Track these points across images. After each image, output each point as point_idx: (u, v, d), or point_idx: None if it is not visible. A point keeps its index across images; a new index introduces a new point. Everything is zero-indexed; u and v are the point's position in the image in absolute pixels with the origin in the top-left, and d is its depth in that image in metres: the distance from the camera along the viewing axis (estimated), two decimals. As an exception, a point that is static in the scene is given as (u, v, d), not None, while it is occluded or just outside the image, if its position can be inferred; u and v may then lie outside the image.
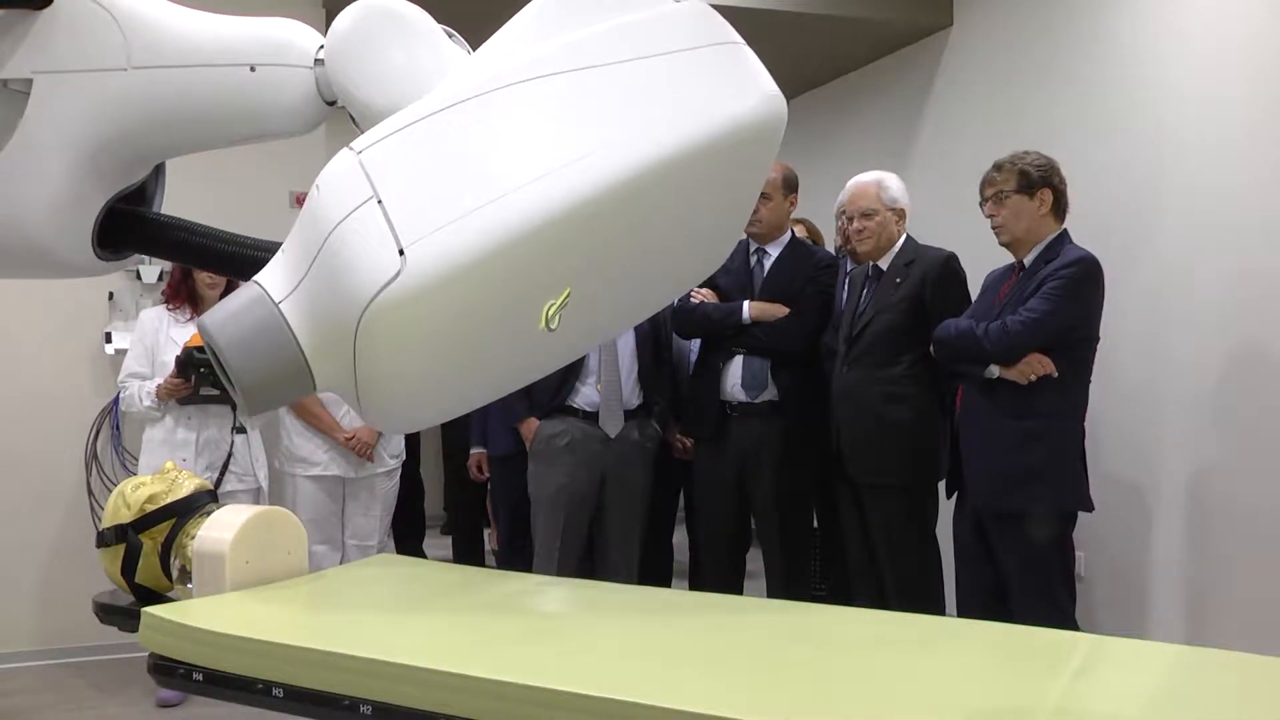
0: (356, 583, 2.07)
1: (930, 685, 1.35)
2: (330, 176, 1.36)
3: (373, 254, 1.30)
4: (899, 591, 3.46)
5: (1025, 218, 3.16)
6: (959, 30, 4.98)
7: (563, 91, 1.39)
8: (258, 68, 1.53)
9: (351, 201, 1.32)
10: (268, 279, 1.38)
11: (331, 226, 1.32)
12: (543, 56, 1.40)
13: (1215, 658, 1.59)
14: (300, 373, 1.37)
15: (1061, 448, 3.09)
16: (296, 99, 1.55)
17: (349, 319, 1.32)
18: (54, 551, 4.19)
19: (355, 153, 1.36)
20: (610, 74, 1.40)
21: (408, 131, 1.37)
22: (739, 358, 3.75)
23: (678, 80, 1.42)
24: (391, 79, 1.48)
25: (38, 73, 1.51)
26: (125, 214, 1.67)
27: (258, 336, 1.34)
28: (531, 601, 1.91)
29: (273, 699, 1.54)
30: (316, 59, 1.54)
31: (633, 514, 3.74)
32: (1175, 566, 3.73)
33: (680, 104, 1.41)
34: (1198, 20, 3.70)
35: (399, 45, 1.49)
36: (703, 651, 1.55)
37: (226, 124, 1.61)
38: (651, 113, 1.39)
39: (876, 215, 3.57)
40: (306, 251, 1.35)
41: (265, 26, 1.57)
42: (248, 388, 1.36)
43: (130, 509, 1.97)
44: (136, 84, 1.52)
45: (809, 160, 5.85)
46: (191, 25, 1.56)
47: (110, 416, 4.23)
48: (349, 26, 1.52)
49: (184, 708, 3.64)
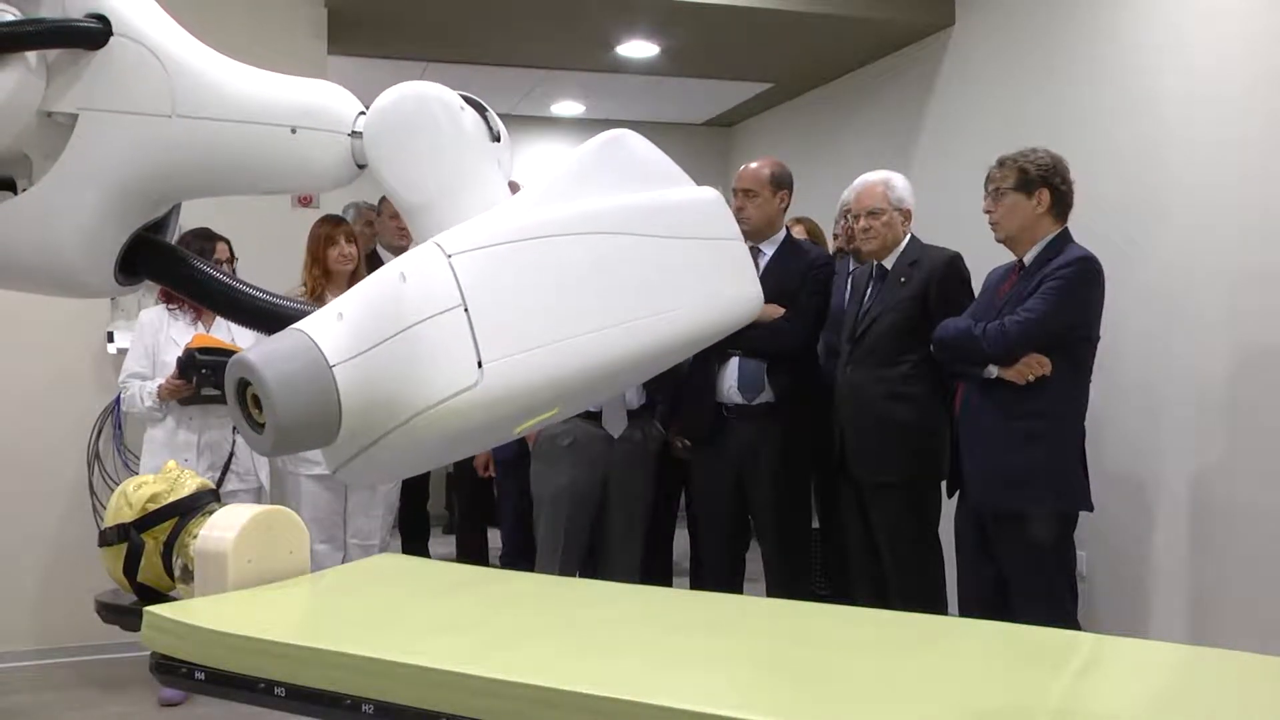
0: (358, 582, 2.07)
1: (931, 685, 1.35)
2: (420, 270, 1.40)
3: (453, 360, 1.37)
4: (900, 591, 3.46)
5: (1020, 216, 3.15)
6: (960, 29, 4.98)
7: (621, 252, 1.55)
8: (298, 130, 1.57)
9: (441, 303, 1.38)
10: (322, 337, 1.40)
11: (416, 319, 1.37)
12: (602, 214, 1.54)
13: (1217, 657, 1.59)
14: (329, 431, 1.42)
15: (1061, 448, 3.09)
16: (331, 163, 1.60)
17: (406, 408, 1.38)
18: (56, 550, 4.20)
19: (445, 254, 1.41)
20: (655, 245, 1.58)
21: (495, 250, 1.45)
22: (735, 360, 3.74)
23: (706, 267, 1.64)
24: (424, 173, 1.54)
25: (84, 109, 1.56)
26: (147, 244, 1.71)
27: (305, 387, 1.37)
28: (533, 601, 1.91)
29: (274, 698, 1.54)
30: (354, 130, 1.58)
31: (635, 514, 3.74)
32: (1177, 566, 3.73)
33: (709, 292, 1.63)
34: (1199, 19, 3.70)
35: (433, 140, 1.54)
36: (703, 651, 1.55)
37: (261, 178, 1.67)
38: (683, 294, 1.60)
39: (883, 215, 3.56)
40: (378, 330, 1.39)
41: (309, 90, 1.62)
42: (283, 429, 1.38)
43: (132, 508, 1.97)
44: (178, 131, 1.57)
45: (810, 159, 5.86)
46: (237, 80, 1.60)
47: (112, 416, 4.24)
48: (388, 111, 1.55)
49: (186, 707, 3.65)
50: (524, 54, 5.78)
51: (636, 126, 1.72)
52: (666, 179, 1.66)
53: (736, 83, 6.41)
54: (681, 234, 1.61)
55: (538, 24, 5.19)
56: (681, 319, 1.59)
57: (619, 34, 5.34)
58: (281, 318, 1.57)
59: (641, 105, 6.95)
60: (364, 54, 5.48)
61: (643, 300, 1.54)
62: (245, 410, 1.41)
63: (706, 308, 1.63)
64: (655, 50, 5.58)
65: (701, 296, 1.62)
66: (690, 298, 1.60)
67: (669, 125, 7.36)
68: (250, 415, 1.41)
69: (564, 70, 6.17)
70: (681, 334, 1.60)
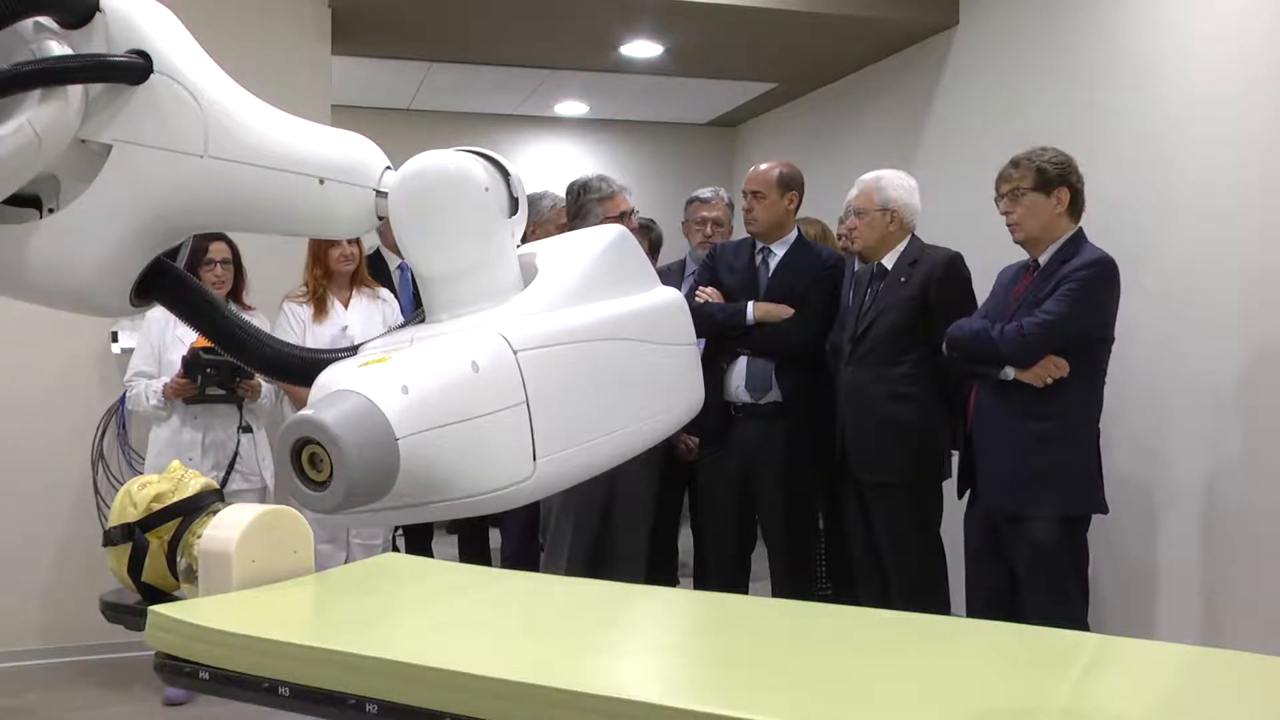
0: (362, 582, 2.06)
1: (935, 685, 1.35)
2: (492, 363, 1.48)
3: (512, 454, 1.47)
4: (903, 591, 3.46)
5: (1040, 216, 3.13)
6: (965, 29, 4.97)
7: (636, 357, 1.72)
8: (326, 181, 1.61)
9: (508, 398, 1.47)
10: (387, 407, 1.43)
11: (484, 411, 1.46)
12: (622, 319, 1.69)
13: (1224, 658, 1.58)
14: (380, 495, 1.46)
15: (1077, 451, 3.07)
16: (353, 215, 1.64)
17: (459, 489, 1.47)
18: (60, 550, 4.20)
19: (512, 349, 1.49)
20: (653, 350, 1.76)
21: (552, 351, 1.55)
22: (743, 359, 3.74)
23: (682, 369, 1.84)
24: (443, 252, 1.61)
25: (118, 140, 1.59)
26: (163, 271, 1.76)
27: (373, 455, 1.41)
28: (538, 601, 1.91)
29: (279, 697, 1.54)
30: (379, 187, 1.62)
31: (640, 514, 3.74)
32: (1187, 567, 3.71)
33: (679, 392, 1.83)
34: (1204, 18, 3.69)
35: (453, 221, 1.59)
36: (707, 651, 1.55)
37: (284, 222, 1.72)
38: (667, 395, 1.80)
39: (866, 214, 3.57)
40: (444, 413, 1.45)
41: (339, 143, 1.65)
42: (350, 493, 1.42)
43: (137, 508, 1.98)
44: (209, 171, 1.60)
45: (814, 159, 5.85)
46: (269, 126, 1.64)
47: (116, 415, 4.24)
48: (413, 183, 1.59)
49: (190, 706, 3.65)
50: (527, 54, 5.78)
51: (640, 127, 1.74)
52: (647, 277, 1.83)
53: (740, 83, 6.41)
54: (666, 340, 1.78)
55: (541, 24, 5.19)
56: (665, 419, 1.78)
57: (623, 34, 5.34)
58: (288, 366, 1.65)
59: (645, 105, 6.95)
60: (368, 54, 5.48)
61: (647, 401, 1.72)
62: (298, 465, 1.44)
63: (677, 408, 1.82)
64: (659, 50, 5.58)
65: (677, 397, 1.82)
66: (670, 399, 1.79)
67: (672, 125, 7.34)
68: (303, 470, 1.43)
69: (567, 70, 6.17)
70: (661, 432, 1.78)
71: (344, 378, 1.50)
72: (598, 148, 7.36)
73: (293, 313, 4.02)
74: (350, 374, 1.51)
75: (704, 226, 4.38)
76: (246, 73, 1.73)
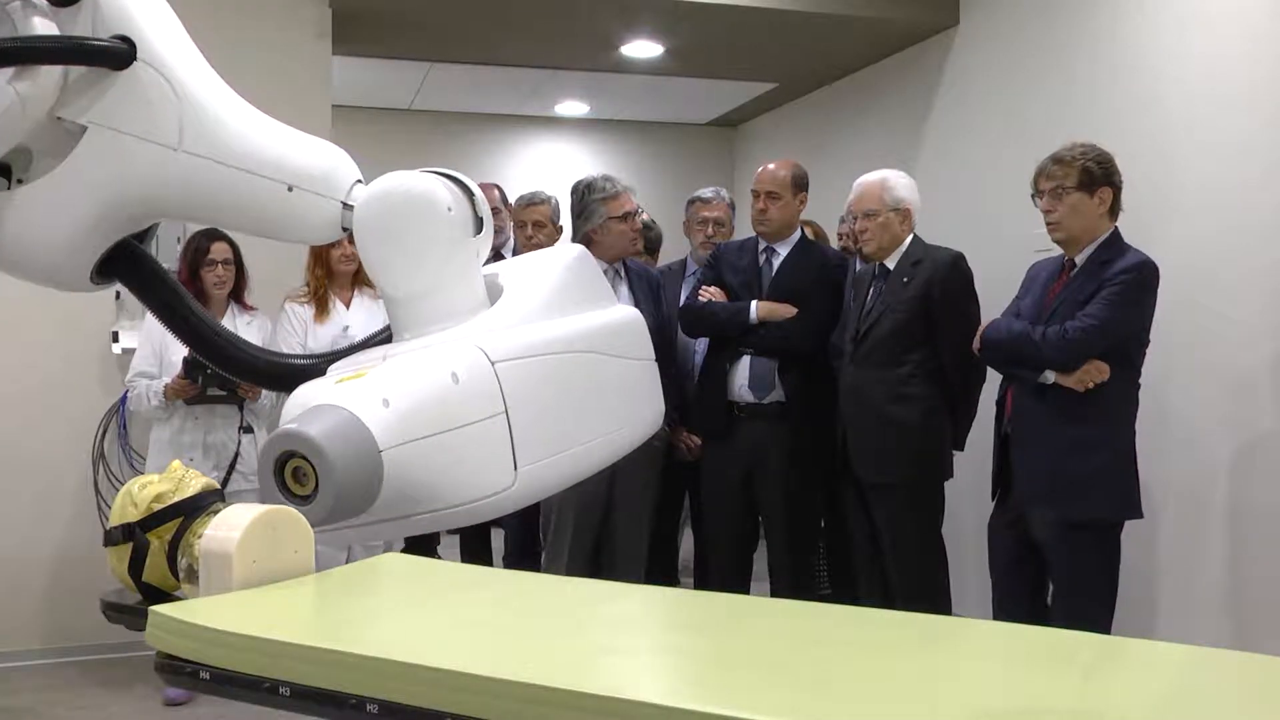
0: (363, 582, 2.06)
1: (937, 685, 1.35)
2: (472, 375, 1.51)
3: (493, 464, 1.50)
4: (904, 592, 3.46)
5: (1084, 216, 3.07)
6: (965, 29, 4.97)
7: (605, 369, 1.77)
8: (295, 189, 1.63)
9: (487, 409, 1.49)
10: (370, 420, 1.44)
11: (465, 421, 1.48)
12: (590, 333, 1.73)
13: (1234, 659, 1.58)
14: (364, 507, 1.48)
15: (1117, 455, 3.04)
16: (319, 224, 1.67)
17: (441, 500, 1.49)
18: (61, 550, 4.20)
19: (490, 361, 1.51)
20: (618, 364, 1.81)
21: (529, 362, 1.57)
22: (746, 358, 3.74)
23: (646, 383, 1.89)
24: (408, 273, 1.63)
25: (93, 123, 1.59)
26: (127, 252, 1.76)
27: (357, 467, 1.43)
28: (538, 601, 1.91)
29: (279, 697, 1.54)
30: (347, 202, 1.64)
31: (640, 514, 3.74)
32: (1188, 567, 3.71)
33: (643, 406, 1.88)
34: (1204, 18, 3.69)
35: (417, 243, 1.61)
36: (707, 651, 1.55)
37: (249, 222, 1.73)
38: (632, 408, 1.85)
39: (878, 216, 3.55)
40: (426, 424, 1.47)
41: (312, 151, 1.67)
42: (336, 506, 1.43)
43: (137, 508, 1.97)
44: (180, 165, 1.61)
45: (814, 159, 5.83)
46: (246, 127, 1.65)
47: (117, 416, 4.24)
48: (378, 204, 1.61)
49: (190, 706, 3.66)
50: (528, 54, 5.79)
51: (640, 127, 1.76)
52: (606, 295, 1.88)
53: (741, 83, 6.41)
54: (629, 354, 1.82)
55: (541, 24, 5.19)
56: (632, 431, 1.83)
57: (623, 34, 5.34)
58: (240, 363, 1.71)
59: (645, 105, 6.95)
60: (368, 54, 5.48)
61: (616, 413, 1.76)
62: (281, 479, 1.45)
63: (641, 420, 1.86)
64: (659, 50, 5.58)
65: (643, 409, 1.86)
66: (636, 410, 1.84)
67: (673, 125, 7.35)
68: (286, 483, 1.44)
69: (568, 70, 6.17)
70: (630, 443, 1.82)
71: (322, 394, 1.50)
72: (598, 148, 7.37)
73: (294, 313, 4.02)
74: (328, 390, 1.51)
75: (705, 226, 4.38)
76: (247, 73, 1.73)
